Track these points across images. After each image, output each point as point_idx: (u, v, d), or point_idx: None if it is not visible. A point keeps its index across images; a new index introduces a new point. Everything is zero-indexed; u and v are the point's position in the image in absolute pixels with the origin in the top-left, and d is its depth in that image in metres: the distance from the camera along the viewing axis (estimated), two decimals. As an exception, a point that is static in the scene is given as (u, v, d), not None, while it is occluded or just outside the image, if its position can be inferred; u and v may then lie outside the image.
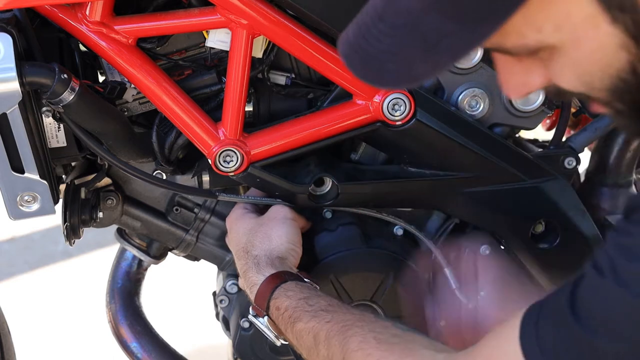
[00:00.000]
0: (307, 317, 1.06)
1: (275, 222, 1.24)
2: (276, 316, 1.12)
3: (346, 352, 0.98)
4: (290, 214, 1.26)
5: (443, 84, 1.28)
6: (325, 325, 1.03)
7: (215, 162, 1.23)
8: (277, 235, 1.22)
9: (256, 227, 1.24)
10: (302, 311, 1.07)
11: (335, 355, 0.99)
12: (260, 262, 1.18)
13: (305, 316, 1.06)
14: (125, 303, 1.48)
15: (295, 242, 1.23)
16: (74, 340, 2.41)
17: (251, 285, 1.17)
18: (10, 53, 1.10)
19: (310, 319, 1.05)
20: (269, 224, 1.24)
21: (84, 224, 1.35)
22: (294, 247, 1.22)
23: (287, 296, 1.11)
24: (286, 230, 1.23)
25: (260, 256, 1.19)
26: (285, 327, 1.10)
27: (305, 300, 1.09)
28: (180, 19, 1.21)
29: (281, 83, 1.29)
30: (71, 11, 1.18)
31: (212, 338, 2.19)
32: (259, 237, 1.22)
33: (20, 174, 1.18)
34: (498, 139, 1.28)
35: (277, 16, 1.19)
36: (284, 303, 1.10)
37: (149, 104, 1.27)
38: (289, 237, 1.22)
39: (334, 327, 1.02)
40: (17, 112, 1.13)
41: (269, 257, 1.19)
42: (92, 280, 2.37)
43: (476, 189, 1.29)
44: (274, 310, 1.12)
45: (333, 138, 1.27)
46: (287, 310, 1.09)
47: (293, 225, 1.24)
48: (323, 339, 1.02)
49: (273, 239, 1.21)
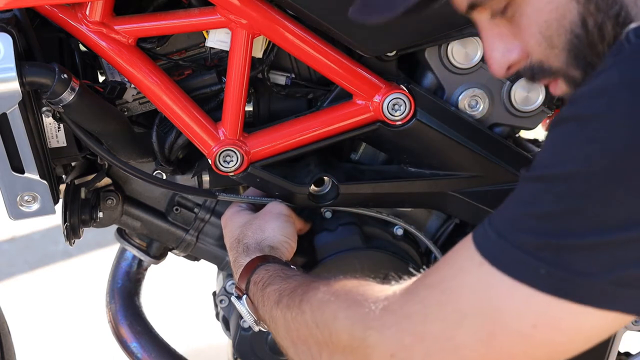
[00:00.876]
0: (278, 281, 1.06)
1: (270, 215, 1.24)
2: (253, 292, 1.11)
3: (304, 296, 0.98)
4: (286, 210, 1.26)
5: (443, 84, 1.28)
6: (293, 284, 1.03)
7: (215, 162, 1.23)
8: (270, 228, 1.21)
9: (251, 220, 1.24)
10: (276, 277, 1.07)
11: (294, 303, 0.99)
12: (249, 248, 1.18)
13: (277, 281, 1.06)
14: (125, 303, 1.48)
15: (289, 236, 1.22)
16: (74, 340, 2.41)
17: (238, 268, 1.17)
18: (10, 53, 1.10)
19: (280, 282, 1.05)
20: (263, 217, 1.24)
21: (84, 224, 1.35)
22: (287, 240, 1.21)
23: (266, 270, 1.10)
24: (280, 224, 1.22)
25: (250, 243, 1.19)
26: (257, 299, 1.09)
27: (282, 271, 1.09)
28: (180, 19, 1.21)
29: (281, 83, 1.29)
30: (71, 11, 1.18)
31: (212, 338, 2.19)
32: (252, 228, 1.22)
33: (20, 174, 1.18)
34: (498, 139, 1.28)
35: (277, 16, 1.19)
36: (261, 276, 1.10)
37: (149, 104, 1.27)
38: (282, 230, 1.21)
39: (301, 284, 1.02)
40: (17, 112, 1.13)
41: (258, 244, 1.19)
42: (92, 280, 2.37)
43: (476, 189, 1.29)
44: (252, 287, 1.11)
45: (333, 138, 1.27)
46: (262, 279, 1.09)
47: (288, 221, 1.24)
48: (287, 293, 1.02)
49: (266, 230, 1.21)
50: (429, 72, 1.29)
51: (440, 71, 1.27)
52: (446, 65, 1.27)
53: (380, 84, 1.24)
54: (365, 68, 1.24)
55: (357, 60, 1.24)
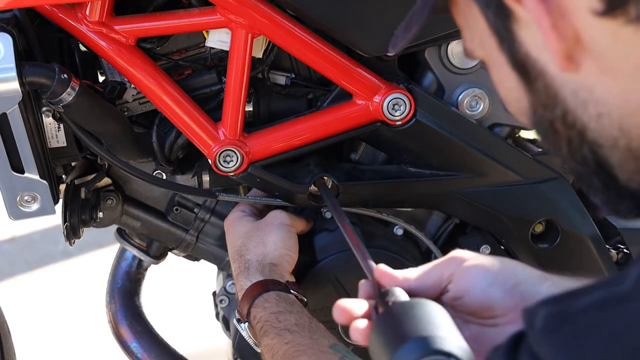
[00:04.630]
0: (273, 333, 1.08)
1: (272, 227, 1.24)
2: (253, 325, 1.14)
3: None
4: (287, 219, 1.26)
5: (443, 84, 1.28)
6: (284, 346, 1.05)
7: (215, 162, 1.23)
8: (272, 241, 1.22)
9: (252, 230, 1.25)
10: (271, 326, 1.09)
11: None
12: (250, 267, 1.20)
13: (271, 332, 1.08)
14: (125, 303, 1.48)
15: (290, 248, 1.23)
16: (74, 340, 2.41)
17: (239, 290, 1.19)
18: (10, 53, 1.10)
19: (274, 336, 1.07)
20: (265, 229, 1.24)
21: (84, 224, 1.35)
22: (289, 253, 1.23)
23: (264, 307, 1.12)
24: (282, 236, 1.23)
25: (252, 261, 1.20)
26: (258, 339, 1.13)
27: (276, 315, 1.10)
28: (180, 19, 1.21)
29: (281, 83, 1.29)
30: (71, 11, 1.18)
31: (212, 338, 2.19)
32: (253, 241, 1.23)
33: (20, 174, 1.18)
34: (498, 139, 1.28)
35: (277, 16, 1.19)
36: (259, 314, 1.12)
37: (149, 104, 1.27)
38: (284, 242, 1.22)
39: (288, 351, 1.03)
40: (17, 112, 1.13)
41: (260, 263, 1.20)
42: (92, 280, 2.37)
43: (476, 189, 1.29)
44: (252, 319, 1.14)
45: (333, 138, 1.27)
46: (260, 322, 1.11)
47: (289, 231, 1.24)
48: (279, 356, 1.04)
49: (268, 244, 1.22)
50: (429, 72, 1.29)
51: (440, 71, 1.27)
52: (446, 65, 1.27)
53: (380, 84, 1.24)
54: (365, 68, 1.24)
55: (357, 60, 1.24)
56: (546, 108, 0.67)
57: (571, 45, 0.61)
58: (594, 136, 0.65)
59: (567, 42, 0.61)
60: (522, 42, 0.66)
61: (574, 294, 0.61)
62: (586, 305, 0.60)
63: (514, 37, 0.66)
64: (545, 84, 0.66)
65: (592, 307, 0.59)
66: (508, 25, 0.66)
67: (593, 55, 0.61)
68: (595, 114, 0.63)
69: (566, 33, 0.61)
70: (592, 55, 0.61)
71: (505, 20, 0.65)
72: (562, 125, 0.67)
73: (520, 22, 0.64)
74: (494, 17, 0.66)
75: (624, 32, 0.59)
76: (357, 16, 1.18)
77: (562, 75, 0.64)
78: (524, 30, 0.65)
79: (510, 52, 0.67)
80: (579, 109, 0.64)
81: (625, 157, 0.64)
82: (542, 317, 0.61)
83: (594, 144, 0.65)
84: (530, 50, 0.66)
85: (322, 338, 1.05)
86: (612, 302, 0.58)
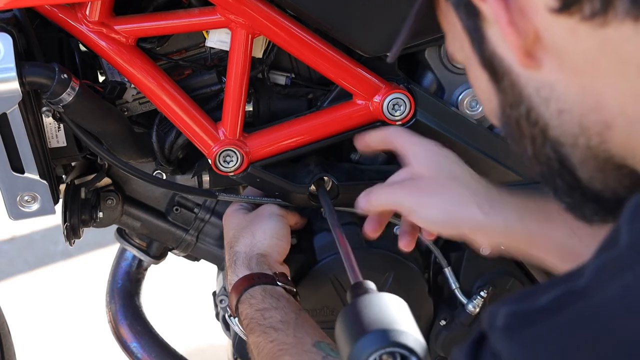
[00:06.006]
0: (259, 331, 1.08)
1: (262, 217, 1.24)
2: (241, 321, 1.14)
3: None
4: (278, 210, 1.26)
5: (443, 84, 1.28)
6: (268, 344, 1.05)
7: (215, 162, 1.23)
8: (261, 230, 1.22)
9: (244, 222, 1.25)
10: (256, 324, 1.09)
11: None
12: (237, 260, 1.19)
13: (257, 330, 1.08)
14: (125, 303, 1.48)
15: (280, 237, 1.22)
16: (74, 340, 2.41)
17: (229, 284, 1.19)
18: (10, 53, 1.10)
19: (260, 334, 1.07)
20: (255, 220, 1.24)
21: (84, 224, 1.35)
22: (279, 242, 1.22)
23: (250, 304, 1.12)
24: (271, 225, 1.23)
25: (240, 253, 1.20)
26: (245, 335, 1.13)
27: (262, 312, 1.10)
28: (180, 19, 1.20)
29: (281, 83, 1.29)
30: (71, 11, 1.17)
31: (212, 338, 2.20)
32: (243, 232, 1.23)
33: (20, 174, 1.18)
34: (498, 139, 1.28)
35: (277, 16, 1.19)
36: (245, 310, 1.12)
37: (149, 104, 1.27)
38: (273, 231, 1.22)
39: (272, 349, 1.04)
40: (17, 112, 1.13)
41: (247, 255, 1.19)
42: (92, 280, 2.37)
43: (476, 189, 1.29)
44: (240, 315, 1.14)
45: (333, 138, 1.27)
46: (246, 319, 1.11)
47: (280, 220, 1.24)
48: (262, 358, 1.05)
49: (257, 234, 1.21)
50: (429, 72, 1.29)
51: (440, 71, 1.27)
52: (446, 65, 1.27)
53: (380, 84, 1.24)
54: (365, 68, 1.24)
55: (357, 60, 1.24)
56: (512, 107, 0.69)
57: (531, 43, 0.63)
58: (555, 134, 0.66)
59: (527, 39, 0.62)
60: (490, 41, 0.67)
61: (534, 292, 0.62)
62: (546, 302, 0.60)
63: (483, 36, 0.68)
64: (511, 82, 0.68)
65: (552, 304, 0.60)
66: (478, 24, 0.67)
67: (552, 52, 0.63)
68: (556, 110, 0.65)
69: (526, 30, 0.62)
70: (552, 52, 0.63)
71: (475, 19, 0.67)
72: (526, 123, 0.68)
73: (487, 20, 0.66)
74: (466, 17, 0.68)
75: (580, 29, 0.60)
76: (357, 16, 1.17)
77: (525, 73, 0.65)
78: (490, 28, 0.67)
79: (480, 51, 0.69)
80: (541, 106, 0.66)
81: (585, 155, 0.66)
82: (502, 317, 0.62)
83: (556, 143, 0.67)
84: (496, 48, 0.67)
85: (307, 336, 1.05)
86: (571, 298, 0.59)
